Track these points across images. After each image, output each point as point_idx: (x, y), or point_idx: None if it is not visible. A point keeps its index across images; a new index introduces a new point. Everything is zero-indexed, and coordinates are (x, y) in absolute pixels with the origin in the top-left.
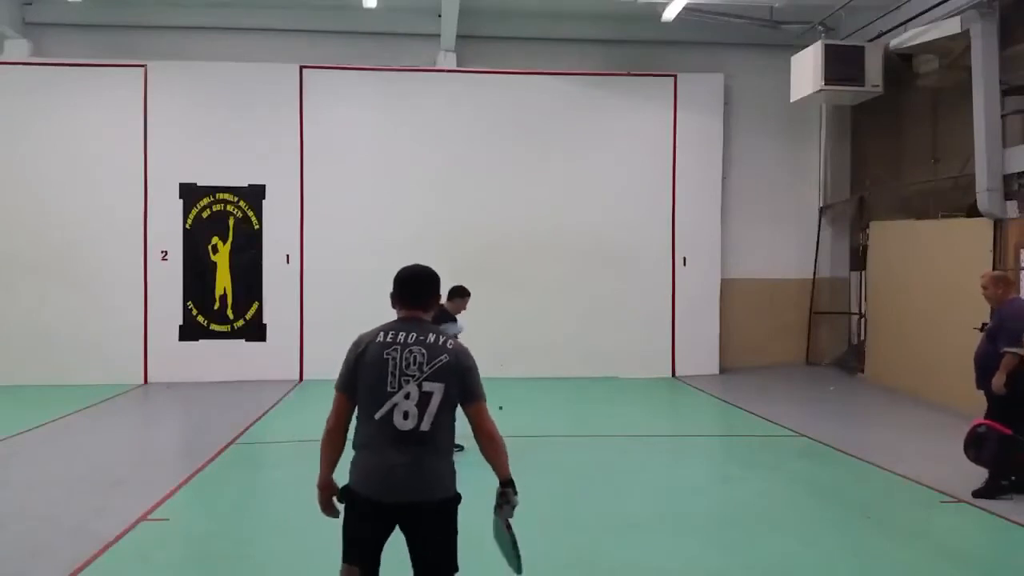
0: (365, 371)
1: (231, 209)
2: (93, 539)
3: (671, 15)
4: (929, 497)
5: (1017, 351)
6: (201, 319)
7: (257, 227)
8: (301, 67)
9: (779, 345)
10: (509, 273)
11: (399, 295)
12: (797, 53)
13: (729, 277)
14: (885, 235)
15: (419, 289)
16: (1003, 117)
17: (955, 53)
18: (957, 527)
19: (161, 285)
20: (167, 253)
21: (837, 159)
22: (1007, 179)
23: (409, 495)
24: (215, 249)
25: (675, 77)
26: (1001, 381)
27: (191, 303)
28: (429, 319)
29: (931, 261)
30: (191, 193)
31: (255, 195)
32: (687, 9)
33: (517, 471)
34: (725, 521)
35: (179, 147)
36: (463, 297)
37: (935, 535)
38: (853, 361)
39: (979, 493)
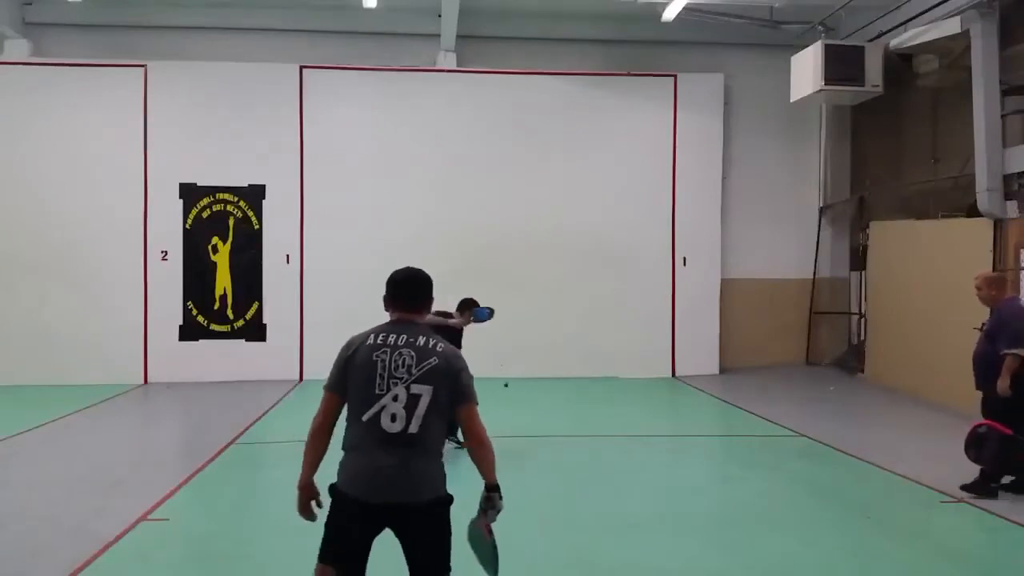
0: (354, 373)
1: (231, 209)
2: (93, 539)
3: (671, 15)
4: (929, 497)
5: (1018, 352)
6: (201, 319)
7: (257, 227)
8: (301, 67)
9: (779, 345)
10: (509, 273)
11: (393, 297)
12: (797, 53)
13: (729, 277)
14: (885, 235)
15: (414, 292)
16: (1003, 117)
17: (955, 53)
18: (957, 527)
19: (161, 285)
20: (167, 253)
21: (837, 159)
22: (1007, 179)
23: (396, 496)
24: (215, 249)
25: (675, 77)
26: (1006, 384)
27: (191, 303)
28: (422, 321)
29: (931, 261)
30: (191, 193)
31: (255, 195)
32: (687, 9)
33: (517, 471)
34: (725, 521)
35: (179, 147)
36: (471, 309)
37: (935, 535)
38: (853, 361)
39: (968, 488)
